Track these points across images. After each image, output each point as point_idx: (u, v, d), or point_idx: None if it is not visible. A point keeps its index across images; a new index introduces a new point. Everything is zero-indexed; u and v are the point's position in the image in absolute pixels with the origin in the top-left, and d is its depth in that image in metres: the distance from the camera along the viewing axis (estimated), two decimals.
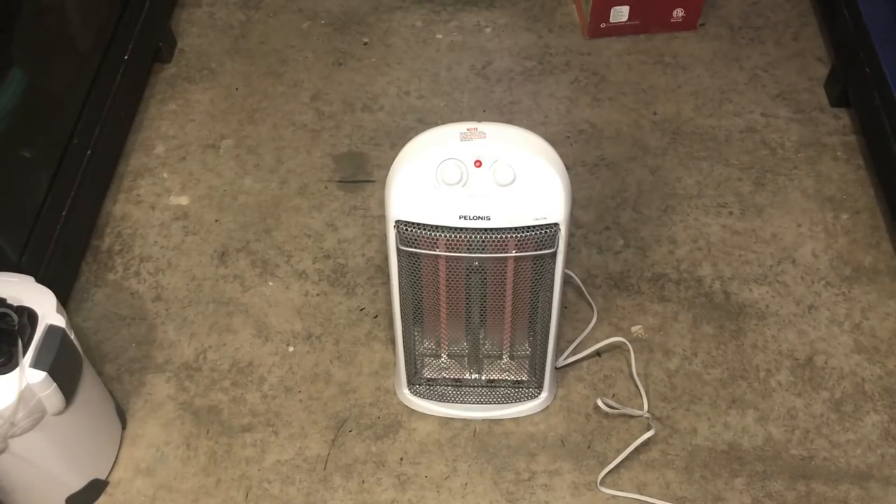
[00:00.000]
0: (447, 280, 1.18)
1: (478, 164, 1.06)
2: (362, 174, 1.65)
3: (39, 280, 1.18)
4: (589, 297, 1.45)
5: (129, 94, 1.68)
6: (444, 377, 1.32)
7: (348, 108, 1.75)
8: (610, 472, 1.27)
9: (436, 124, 1.22)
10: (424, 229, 1.09)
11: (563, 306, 1.43)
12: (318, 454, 1.31)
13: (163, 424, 1.34)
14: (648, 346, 1.41)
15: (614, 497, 1.26)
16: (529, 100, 1.75)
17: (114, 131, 1.60)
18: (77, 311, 1.46)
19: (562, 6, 1.92)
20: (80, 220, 1.48)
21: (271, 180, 1.64)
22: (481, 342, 1.30)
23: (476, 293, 1.21)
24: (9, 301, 1.11)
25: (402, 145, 1.11)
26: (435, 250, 1.12)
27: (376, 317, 1.45)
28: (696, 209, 1.57)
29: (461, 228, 1.09)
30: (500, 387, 1.32)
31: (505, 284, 1.18)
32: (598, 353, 1.40)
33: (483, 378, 1.32)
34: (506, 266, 1.16)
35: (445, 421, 1.34)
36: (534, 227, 1.09)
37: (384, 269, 1.49)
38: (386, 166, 1.33)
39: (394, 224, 1.10)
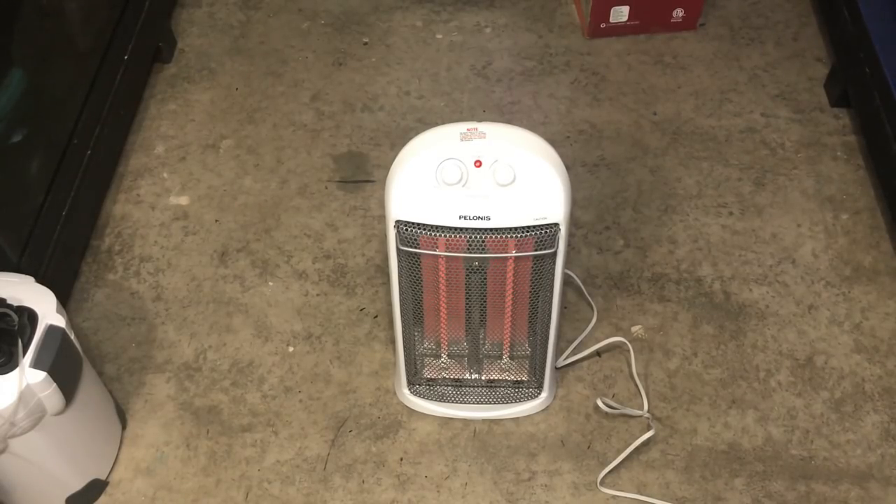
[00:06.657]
0: (447, 280, 1.18)
1: (478, 164, 1.06)
2: (362, 174, 1.65)
3: (39, 280, 1.18)
4: (589, 297, 1.45)
5: (129, 94, 1.68)
6: (444, 377, 1.32)
7: (348, 108, 1.75)
8: (610, 472, 1.27)
9: (436, 124, 1.22)
10: (424, 229, 1.09)
11: (563, 306, 1.43)
12: (318, 454, 1.31)
13: (163, 424, 1.34)
14: (648, 346, 1.41)
15: (614, 497, 1.26)
16: (529, 100, 1.75)
17: (114, 131, 1.60)
18: (77, 311, 1.46)
19: (562, 6, 1.92)
20: (80, 220, 1.48)
21: (271, 180, 1.64)
22: (481, 342, 1.29)
23: (476, 293, 1.21)
24: (9, 301, 1.11)
25: (402, 145, 1.11)
26: (435, 250, 1.12)
27: (376, 317, 1.45)
28: (696, 209, 1.57)
29: (461, 228, 1.09)
30: (500, 387, 1.32)
31: (505, 284, 1.18)
32: (598, 353, 1.40)
33: (483, 378, 1.32)
34: (506, 266, 1.16)
35: (445, 421, 1.34)
36: (534, 227, 1.09)
37: (384, 269, 1.49)
38: (386, 166, 1.33)
39: (394, 224, 1.10)
